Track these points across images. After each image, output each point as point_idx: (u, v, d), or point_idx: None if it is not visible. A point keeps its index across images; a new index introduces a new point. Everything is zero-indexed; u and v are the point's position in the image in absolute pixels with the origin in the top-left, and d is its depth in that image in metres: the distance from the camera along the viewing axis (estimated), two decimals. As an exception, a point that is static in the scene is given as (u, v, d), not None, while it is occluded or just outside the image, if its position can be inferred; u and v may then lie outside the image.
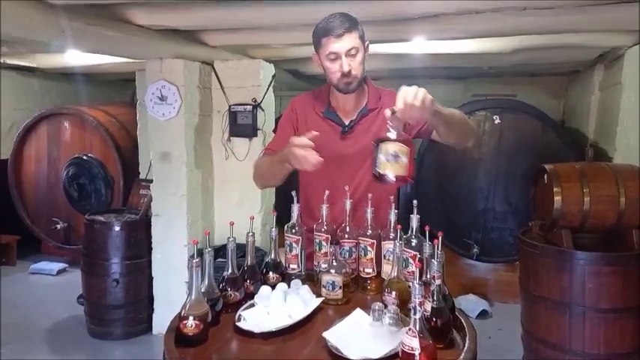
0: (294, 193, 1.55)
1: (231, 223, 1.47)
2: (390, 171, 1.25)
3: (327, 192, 1.52)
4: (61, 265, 4.53)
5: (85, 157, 3.85)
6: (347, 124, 1.63)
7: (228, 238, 1.37)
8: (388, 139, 1.26)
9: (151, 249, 3.17)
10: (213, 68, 3.28)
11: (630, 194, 2.27)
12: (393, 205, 1.48)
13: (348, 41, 1.49)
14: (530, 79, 5.04)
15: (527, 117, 3.55)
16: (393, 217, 1.45)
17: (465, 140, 1.67)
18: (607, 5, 2.37)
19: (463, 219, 3.66)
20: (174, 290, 3.13)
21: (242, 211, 3.32)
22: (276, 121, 3.63)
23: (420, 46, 3.19)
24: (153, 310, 3.25)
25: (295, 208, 1.53)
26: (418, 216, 1.38)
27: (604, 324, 2.23)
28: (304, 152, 1.37)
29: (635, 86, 3.00)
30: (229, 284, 1.35)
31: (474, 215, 3.69)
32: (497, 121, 3.56)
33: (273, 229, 1.50)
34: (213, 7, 2.49)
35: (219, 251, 3.27)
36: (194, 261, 1.18)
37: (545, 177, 2.52)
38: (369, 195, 1.49)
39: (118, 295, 3.12)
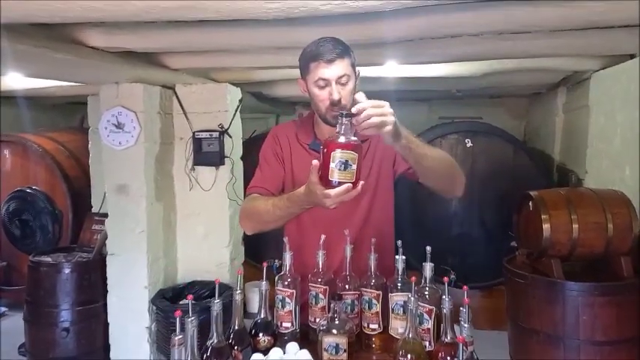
0: (286, 239, 1.36)
1: (217, 281, 1.24)
2: (338, 178, 1.14)
3: (323, 237, 1.34)
4: (-1, 310, 4.05)
5: (28, 190, 3.47)
6: None
7: (213, 299, 1.15)
8: (337, 145, 1.13)
9: (107, 292, 2.84)
10: (175, 93, 3.05)
11: (618, 221, 2.22)
12: (400, 249, 1.32)
13: (340, 68, 1.35)
14: (492, 101, 5.11)
15: (498, 140, 3.53)
16: (400, 265, 1.28)
17: (451, 188, 1.52)
18: (581, 30, 2.36)
19: (439, 245, 3.50)
20: (133, 337, 2.82)
21: (208, 246, 3.08)
22: (245, 145, 3.50)
23: (389, 69, 3.11)
24: (109, 360, 2.90)
25: (287, 257, 1.34)
26: (432, 264, 1.22)
27: (600, 357, 2.14)
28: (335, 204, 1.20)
29: (603, 109, 3.03)
30: (215, 355, 1.12)
31: (449, 240, 3.60)
32: (470, 144, 3.51)
33: (264, 282, 1.29)
34: (175, 29, 2.28)
35: (184, 291, 3.00)
36: (176, 338, 0.95)
37: (531, 204, 2.45)
38: (372, 239, 1.32)
39: (68, 346, 2.77)
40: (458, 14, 1.98)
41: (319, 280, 1.31)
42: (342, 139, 1.14)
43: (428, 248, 1.28)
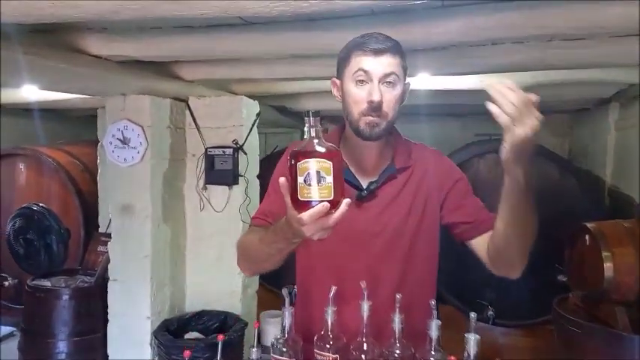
0: (285, 291, 1.07)
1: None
2: (311, 196, 0.88)
3: (333, 288, 1.05)
4: (7, 329, 3.89)
5: (34, 207, 3.31)
6: (365, 186, 1.18)
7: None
8: (305, 154, 0.89)
9: (107, 322, 2.61)
10: (188, 105, 2.84)
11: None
12: (435, 311, 1.01)
13: (388, 63, 1.09)
14: (531, 117, 4.72)
15: (543, 160, 3.16)
16: (434, 331, 0.98)
17: (511, 267, 1.15)
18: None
19: (475, 277, 3.19)
20: (134, 372, 2.57)
21: (220, 272, 2.83)
22: (265, 162, 3.26)
23: (420, 80, 2.81)
24: (108, 396, 2.66)
25: (287, 314, 1.05)
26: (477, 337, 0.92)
27: None
28: (320, 234, 0.92)
29: (668, 127, 2.65)
30: None
31: (487, 272, 3.22)
32: (511, 165, 3.15)
33: (254, 349, 1.00)
34: (187, 34, 2.07)
35: (190, 322, 2.75)
36: None
37: (587, 238, 2.09)
38: (397, 295, 1.02)
39: (64, 380, 2.54)
40: (500, 15, 1.68)
41: (328, 346, 1.02)
42: (310, 146, 0.89)
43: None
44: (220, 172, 2.75)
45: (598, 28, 1.69)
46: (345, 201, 0.89)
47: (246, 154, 2.82)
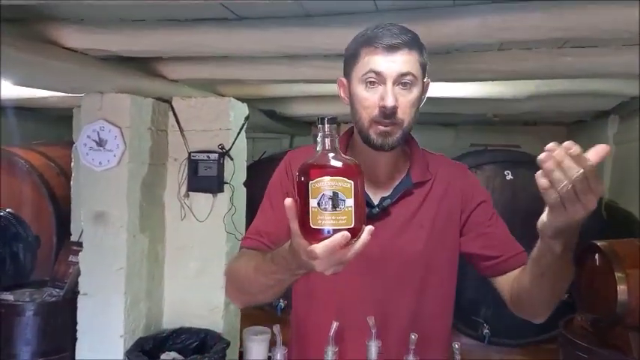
0: (276, 328, 0.89)
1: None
2: (327, 224, 0.71)
3: (335, 324, 0.88)
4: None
5: (0, 213, 3.06)
6: (377, 203, 1.01)
7: None
8: (318, 170, 0.72)
9: (76, 340, 2.39)
10: (171, 106, 2.65)
11: None
12: (458, 355, 0.85)
13: (404, 61, 0.93)
14: (525, 128, 4.66)
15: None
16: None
17: (535, 313, 1.00)
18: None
19: (470, 293, 3.05)
20: (104, 396, 2.35)
21: (201, 286, 2.63)
22: (252, 169, 3.08)
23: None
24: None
25: (278, 355, 0.87)
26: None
27: None
28: (335, 268, 0.74)
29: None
30: None
31: (483, 288, 3.07)
32: (510, 177, 3.03)
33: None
34: (172, 29, 1.89)
35: (167, 341, 2.54)
36: None
37: (597, 257, 1.96)
38: (412, 335, 0.85)
39: (26, 404, 2.30)
40: (520, 15, 1.53)
41: (330, 397, 0.84)
42: (325, 160, 0.73)
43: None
44: (204, 178, 2.57)
45: (622, 32, 1.55)
46: (368, 229, 0.72)
47: (232, 159, 2.64)
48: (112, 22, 1.88)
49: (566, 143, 0.69)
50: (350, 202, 0.70)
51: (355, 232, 0.70)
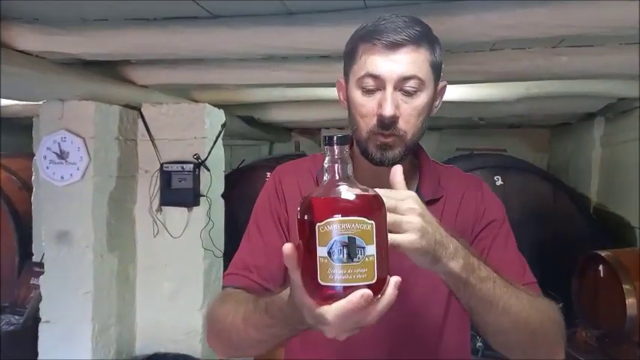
0: None
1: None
2: (340, 279, 0.54)
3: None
4: None
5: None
6: None
7: None
8: (328, 207, 0.56)
9: (37, 373, 2.18)
10: (141, 114, 2.46)
11: None
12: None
13: (408, 62, 0.77)
14: (510, 131, 4.59)
15: (535, 178, 2.95)
16: None
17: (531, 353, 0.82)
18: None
19: (462, 305, 2.93)
20: None
21: (177, 308, 2.45)
22: (229, 179, 2.90)
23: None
24: None
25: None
26: None
27: None
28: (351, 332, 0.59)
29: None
30: None
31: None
32: (500, 182, 2.93)
33: None
34: (140, 29, 1.71)
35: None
36: None
37: (602, 268, 1.84)
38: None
39: None
40: (522, 12, 1.41)
41: None
42: (334, 193, 0.56)
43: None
44: (178, 191, 2.40)
45: (626, 29, 1.44)
46: (394, 281, 0.56)
47: (209, 170, 2.47)
48: (71, 22, 1.70)
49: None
50: (371, 249, 0.54)
51: (378, 288, 0.55)
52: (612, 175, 3.23)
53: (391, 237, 0.60)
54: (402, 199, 0.64)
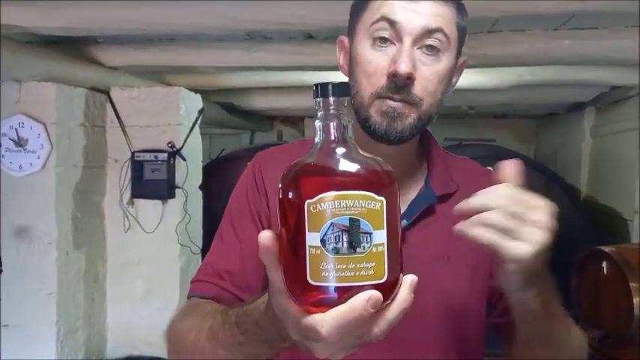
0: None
1: None
2: (339, 278, 0.39)
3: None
4: None
5: None
6: None
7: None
8: (320, 179, 0.41)
9: (-4, 382, 2.00)
10: (110, 98, 2.28)
11: None
12: None
13: (434, 13, 0.63)
14: (495, 121, 4.53)
15: (526, 169, 2.84)
16: None
17: None
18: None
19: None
20: None
21: (151, 308, 2.31)
22: (208, 170, 2.75)
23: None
24: None
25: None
26: None
27: None
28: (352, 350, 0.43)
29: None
30: None
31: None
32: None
33: None
34: (104, 1, 1.52)
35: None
36: None
37: (605, 265, 1.75)
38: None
39: None
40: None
41: None
42: (331, 160, 0.42)
43: None
44: (151, 182, 2.24)
45: None
46: (409, 281, 0.42)
47: (185, 159, 2.31)
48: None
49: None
50: (381, 235, 0.39)
51: (389, 290, 0.41)
52: (602, 166, 3.17)
53: (501, 241, 0.52)
54: (532, 207, 0.54)
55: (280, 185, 0.42)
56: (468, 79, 2.58)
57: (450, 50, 0.65)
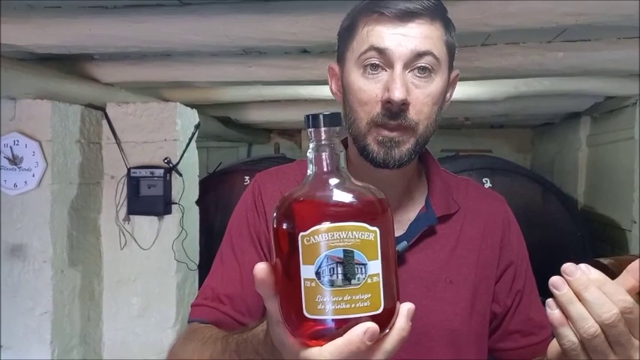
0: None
1: None
2: (335, 310, 0.39)
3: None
4: None
5: None
6: None
7: None
8: (314, 211, 0.41)
9: (-11, 405, 1.96)
10: (105, 114, 2.27)
11: None
12: None
13: (423, 35, 0.63)
14: (491, 132, 4.53)
15: (524, 181, 2.86)
16: None
17: None
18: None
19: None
20: None
21: (147, 326, 2.27)
22: (205, 184, 2.72)
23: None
24: None
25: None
26: None
27: None
28: None
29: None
30: None
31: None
32: (488, 184, 2.82)
33: None
34: (98, 17, 1.53)
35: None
36: None
37: (604, 277, 1.72)
38: None
39: None
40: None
41: None
42: (323, 191, 0.42)
43: None
44: (148, 198, 2.21)
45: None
46: (406, 310, 0.42)
47: (181, 175, 2.29)
48: (16, 9, 1.49)
49: (587, 268, 0.47)
50: (375, 266, 0.39)
51: (386, 320, 0.40)
52: (599, 175, 3.17)
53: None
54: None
55: (275, 215, 0.42)
56: (464, 90, 2.59)
57: (442, 69, 0.66)
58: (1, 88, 1.88)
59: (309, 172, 0.43)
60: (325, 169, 0.43)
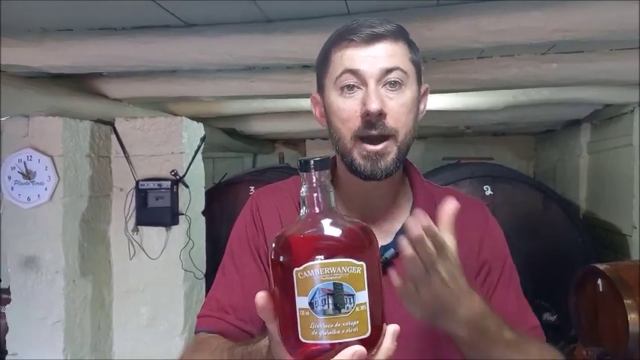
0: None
1: None
2: (329, 336, 0.45)
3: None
4: None
5: None
6: None
7: None
8: (306, 248, 0.47)
9: (3, 413, 2.02)
10: (114, 129, 2.33)
11: None
12: None
13: (388, 54, 0.70)
14: (494, 139, 4.55)
15: (525, 188, 2.88)
16: None
17: None
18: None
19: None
20: None
21: (156, 335, 2.32)
22: (211, 194, 2.78)
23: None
24: None
25: None
26: None
27: None
28: None
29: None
30: None
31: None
32: (489, 192, 2.85)
33: None
34: (107, 39, 1.60)
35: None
36: None
37: (600, 283, 1.77)
38: None
39: None
40: (516, 15, 1.33)
41: None
42: (315, 230, 0.48)
43: None
44: (155, 209, 2.27)
45: (629, 32, 1.37)
46: (391, 332, 0.48)
47: (187, 187, 2.35)
48: (30, 32, 1.57)
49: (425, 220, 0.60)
50: (362, 296, 0.45)
51: (373, 341, 0.46)
52: (601, 182, 3.19)
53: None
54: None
55: (272, 249, 0.47)
56: (464, 100, 2.64)
57: (410, 82, 0.72)
58: (15, 106, 1.96)
59: (302, 210, 0.49)
60: (316, 210, 0.48)
